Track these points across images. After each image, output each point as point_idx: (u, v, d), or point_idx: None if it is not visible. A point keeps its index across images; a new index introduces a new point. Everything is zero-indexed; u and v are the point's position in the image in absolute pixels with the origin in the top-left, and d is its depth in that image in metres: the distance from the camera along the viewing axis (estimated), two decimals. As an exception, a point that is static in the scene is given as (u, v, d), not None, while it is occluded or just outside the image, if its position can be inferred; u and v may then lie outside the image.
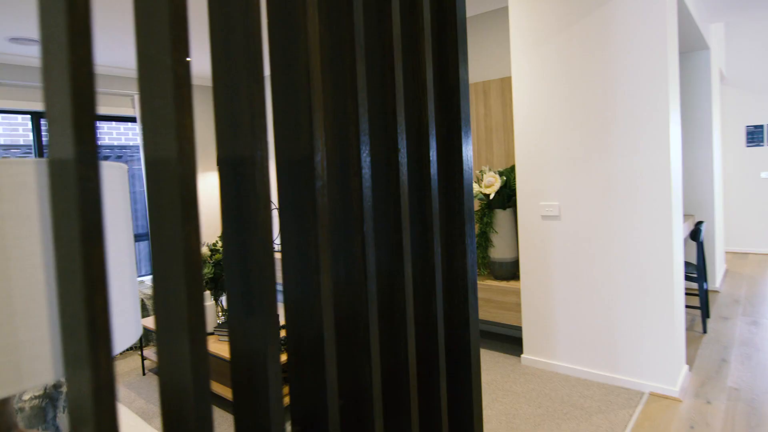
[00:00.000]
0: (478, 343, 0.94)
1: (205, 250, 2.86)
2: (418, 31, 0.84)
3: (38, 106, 4.34)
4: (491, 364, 3.10)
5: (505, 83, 3.42)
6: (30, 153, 4.38)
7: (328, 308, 0.65)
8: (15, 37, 3.64)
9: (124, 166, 0.89)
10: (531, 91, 2.90)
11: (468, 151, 0.93)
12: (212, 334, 2.75)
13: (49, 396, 1.23)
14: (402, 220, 0.79)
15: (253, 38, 0.51)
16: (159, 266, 0.44)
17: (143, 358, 3.18)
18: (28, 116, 4.30)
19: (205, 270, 2.79)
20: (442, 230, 0.94)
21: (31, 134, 4.35)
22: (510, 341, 3.45)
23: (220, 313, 3.00)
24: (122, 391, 2.95)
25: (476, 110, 3.59)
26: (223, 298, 3.34)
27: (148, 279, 4.40)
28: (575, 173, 2.77)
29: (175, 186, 0.42)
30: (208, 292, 2.85)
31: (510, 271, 3.24)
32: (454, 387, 0.95)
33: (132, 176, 5.10)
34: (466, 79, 0.92)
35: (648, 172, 2.51)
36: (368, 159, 0.73)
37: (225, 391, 2.66)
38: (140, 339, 3.13)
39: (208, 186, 5.62)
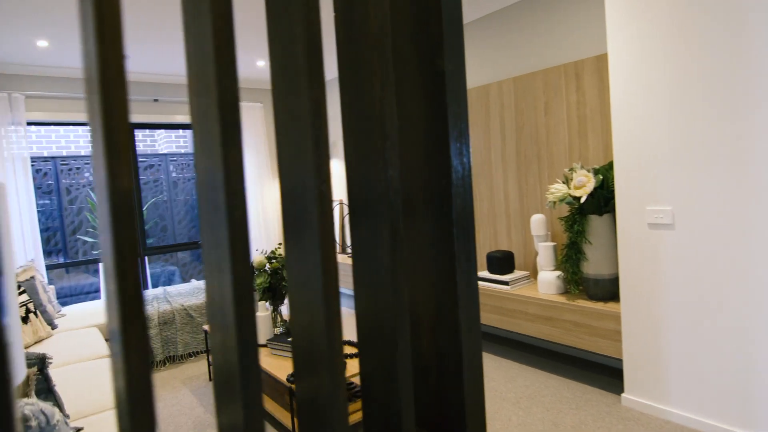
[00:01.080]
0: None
1: (261, 258, 2.75)
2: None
3: (133, 118, 4.67)
4: (582, 400, 2.57)
5: (602, 62, 2.84)
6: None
7: (404, 316, 0.55)
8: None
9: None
10: (632, 67, 2.33)
11: (465, 147, 0.58)
12: (264, 346, 2.62)
13: (20, 432, 1.12)
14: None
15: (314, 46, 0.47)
16: (210, 275, 0.45)
17: (209, 363, 3.19)
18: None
19: (260, 279, 2.68)
20: (423, 268, 0.60)
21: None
22: (607, 374, 2.87)
23: (279, 322, 2.88)
24: (186, 396, 2.96)
25: (566, 97, 3.04)
26: (283, 307, 3.24)
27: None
28: (694, 170, 2.16)
29: (222, 205, 0.43)
30: (264, 303, 2.73)
31: (608, 290, 2.67)
32: None
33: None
34: (459, 19, 0.57)
35: (806, 167, 1.84)
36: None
37: (281, 414, 2.52)
38: (206, 343, 3.14)
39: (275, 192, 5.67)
